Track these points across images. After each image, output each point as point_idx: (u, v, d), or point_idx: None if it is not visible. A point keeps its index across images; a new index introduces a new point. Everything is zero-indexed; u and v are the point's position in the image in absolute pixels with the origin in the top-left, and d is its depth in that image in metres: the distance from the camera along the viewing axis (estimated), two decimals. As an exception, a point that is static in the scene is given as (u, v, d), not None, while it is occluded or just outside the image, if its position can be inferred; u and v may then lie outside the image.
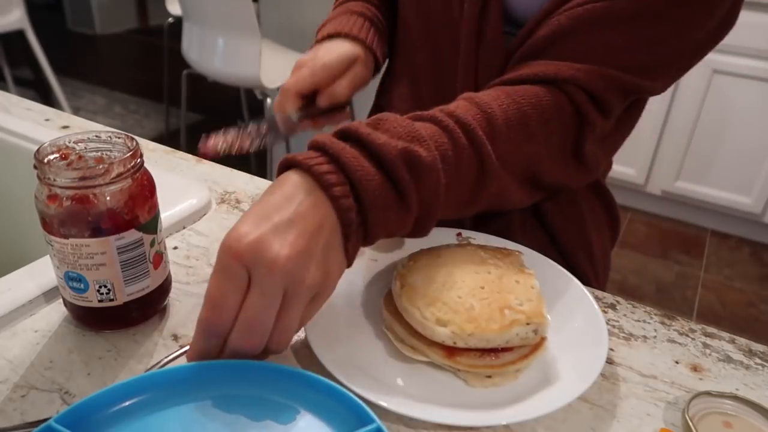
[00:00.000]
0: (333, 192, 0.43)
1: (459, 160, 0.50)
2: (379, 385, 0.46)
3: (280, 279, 0.40)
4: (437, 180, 0.47)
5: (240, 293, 0.41)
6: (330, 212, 0.43)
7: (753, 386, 0.50)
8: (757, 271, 2.31)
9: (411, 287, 0.49)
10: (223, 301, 0.41)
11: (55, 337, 0.50)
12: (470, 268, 0.51)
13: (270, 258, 0.40)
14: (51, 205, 0.45)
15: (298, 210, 0.42)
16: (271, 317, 0.41)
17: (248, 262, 0.40)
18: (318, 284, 0.42)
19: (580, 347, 0.49)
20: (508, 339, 0.46)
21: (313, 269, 0.42)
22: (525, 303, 0.48)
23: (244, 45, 1.88)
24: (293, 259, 0.40)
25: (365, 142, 0.45)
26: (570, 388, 0.45)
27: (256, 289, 0.40)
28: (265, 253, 0.40)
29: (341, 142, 0.45)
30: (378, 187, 0.45)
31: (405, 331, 0.49)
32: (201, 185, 0.71)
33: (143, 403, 0.40)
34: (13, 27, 2.57)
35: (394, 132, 0.47)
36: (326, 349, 0.47)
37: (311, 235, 0.42)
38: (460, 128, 0.50)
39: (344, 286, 0.54)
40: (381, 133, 0.46)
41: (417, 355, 0.48)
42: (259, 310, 0.40)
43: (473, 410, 0.45)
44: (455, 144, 0.49)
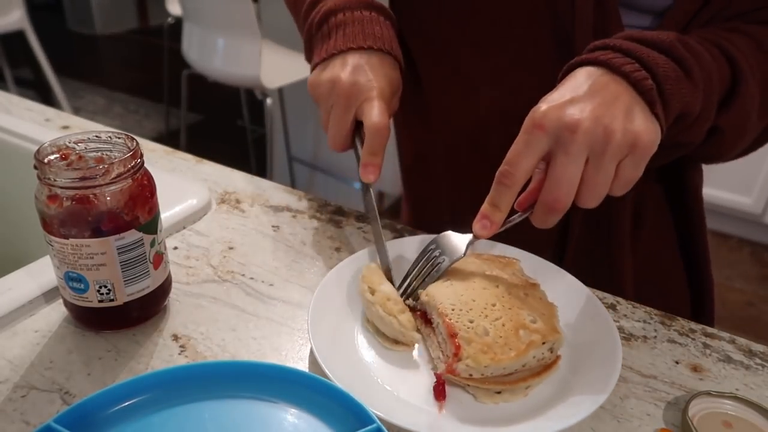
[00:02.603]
0: (625, 69, 0.47)
1: (713, 57, 0.52)
2: (386, 398, 0.46)
3: (582, 139, 0.44)
4: (709, 60, 0.50)
5: (535, 157, 0.46)
6: (624, 86, 0.47)
7: (753, 386, 0.50)
8: (757, 271, 2.31)
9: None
10: (518, 158, 0.46)
11: (55, 337, 0.50)
12: (478, 284, 0.50)
13: (572, 121, 0.44)
14: (51, 205, 0.45)
15: (593, 86, 0.47)
16: (576, 176, 0.45)
17: (551, 129, 0.45)
18: (623, 146, 0.45)
19: (593, 360, 0.48)
20: (524, 363, 0.45)
21: (617, 132, 0.45)
22: (538, 319, 0.47)
23: (244, 45, 1.88)
24: (595, 122, 0.44)
25: (639, 37, 0.49)
26: (581, 405, 0.44)
27: (561, 151, 0.45)
28: (567, 119, 0.45)
29: (618, 39, 0.49)
30: (665, 63, 0.48)
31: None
32: (201, 185, 0.71)
33: (143, 403, 0.40)
34: (13, 27, 2.57)
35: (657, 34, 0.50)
36: (334, 362, 0.46)
37: (610, 102, 0.46)
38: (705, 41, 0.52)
39: (352, 295, 0.54)
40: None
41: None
42: (565, 168, 0.45)
43: (482, 427, 0.44)
44: (705, 47, 0.52)
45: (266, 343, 0.51)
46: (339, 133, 0.58)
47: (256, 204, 0.71)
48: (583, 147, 0.45)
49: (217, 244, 0.64)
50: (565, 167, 0.45)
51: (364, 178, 0.57)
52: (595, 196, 0.47)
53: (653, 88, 0.47)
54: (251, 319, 0.54)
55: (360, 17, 0.61)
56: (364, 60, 0.58)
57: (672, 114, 0.49)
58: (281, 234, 0.66)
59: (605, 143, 0.45)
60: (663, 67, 0.48)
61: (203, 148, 1.39)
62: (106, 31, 4.47)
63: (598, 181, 0.46)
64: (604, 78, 0.47)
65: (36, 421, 0.43)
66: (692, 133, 0.54)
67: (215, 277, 0.59)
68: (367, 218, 0.69)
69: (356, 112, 0.57)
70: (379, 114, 0.55)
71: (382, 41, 0.60)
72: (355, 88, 0.56)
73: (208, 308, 0.54)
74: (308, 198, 0.73)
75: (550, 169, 0.46)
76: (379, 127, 0.55)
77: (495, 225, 0.49)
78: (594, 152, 0.45)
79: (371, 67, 0.58)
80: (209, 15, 1.93)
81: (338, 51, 0.59)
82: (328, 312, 0.51)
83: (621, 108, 0.46)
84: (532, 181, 0.50)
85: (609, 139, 0.44)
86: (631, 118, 0.46)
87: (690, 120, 0.52)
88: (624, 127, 0.45)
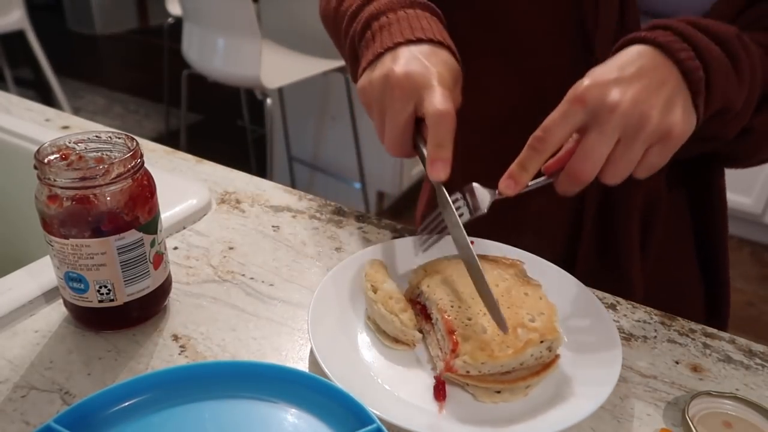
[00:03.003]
0: (679, 55, 0.47)
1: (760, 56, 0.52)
2: (386, 397, 0.46)
3: (618, 121, 0.45)
4: (757, 59, 0.51)
5: (570, 128, 0.47)
6: (673, 72, 0.47)
7: (753, 386, 0.50)
8: (757, 271, 2.31)
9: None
10: (553, 127, 0.47)
11: (55, 338, 0.50)
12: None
13: (612, 102, 0.45)
14: (51, 205, 0.45)
15: (642, 68, 0.47)
16: (605, 153, 0.46)
17: (591, 104, 0.45)
18: (655, 134, 0.46)
19: (593, 360, 0.48)
20: (522, 361, 0.45)
21: (653, 119, 0.45)
22: (537, 318, 0.47)
23: (244, 45, 1.88)
24: (633, 106, 0.45)
25: (699, 24, 0.49)
26: (581, 406, 0.44)
27: (596, 128, 0.46)
28: (608, 97, 0.45)
29: (681, 23, 0.49)
30: (719, 55, 0.48)
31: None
32: (201, 185, 0.71)
33: (143, 403, 0.40)
34: (13, 27, 2.57)
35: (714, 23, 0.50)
36: (334, 362, 0.46)
37: (654, 88, 0.46)
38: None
39: (352, 295, 0.54)
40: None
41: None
42: (596, 143, 0.46)
43: (482, 427, 0.44)
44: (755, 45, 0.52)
45: (266, 343, 0.51)
46: (397, 132, 0.52)
47: (256, 204, 0.71)
48: (617, 128, 0.45)
49: (217, 244, 0.64)
50: (597, 144, 0.46)
51: (434, 176, 0.50)
52: (619, 174, 0.48)
53: (702, 80, 0.47)
54: (251, 319, 0.54)
55: (404, 16, 0.56)
56: (416, 51, 0.53)
57: (712, 107, 0.50)
58: (281, 234, 0.66)
59: (639, 128, 0.45)
60: (717, 59, 0.48)
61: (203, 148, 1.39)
62: (106, 31, 4.47)
63: (624, 162, 0.47)
64: (656, 60, 0.47)
65: (36, 421, 0.43)
66: (726, 129, 0.55)
67: (215, 277, 0.59)
68: (367, 218, 0.69)
69: (416, 106, 0.51)
70: (442, 99, 0.50)
71: (432, 33, 0.55)
72: (410, 78, 0.51)
73: (208, 308, 0.54)
74: (308, 198, 0.73)
75: (581, 142, 0.47)
76: (443, 113, 0.49)
77: (520, 185, 0.49)
78: (626, 134, 0.46)
79: (425, 56, 0.53)
80: (209, 15, 1.93)
81: (385, 49, 0.54)
82: (328, 312, 0.51)
83: (663, 95, 0.46)
84: (562, 149, 0.50)
85: (644, 125, 0.45)
86: (671, 108, 0.46)
87: (728, 116, 0.52)
88: (661, 116, 0.46)
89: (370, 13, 0.58)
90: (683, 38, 0.48)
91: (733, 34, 0.49)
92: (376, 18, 0.57)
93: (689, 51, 0.47)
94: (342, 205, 0.72)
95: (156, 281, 0.51)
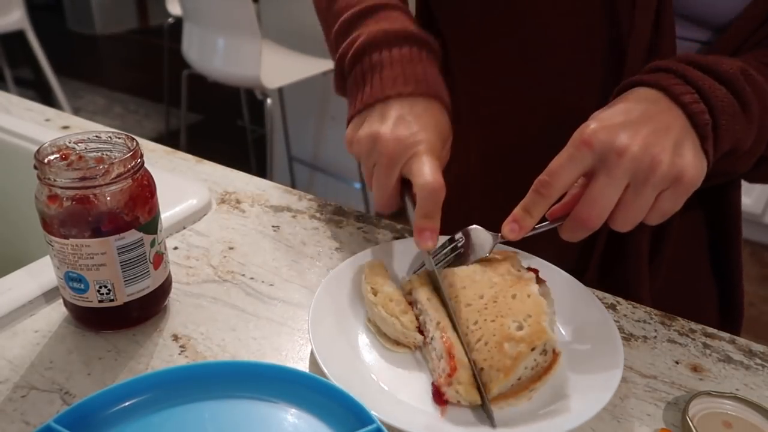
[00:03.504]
0: (683, 99, 0.46)
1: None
2: (386, 399, 0.45)
3: (628, 165, 0.44)
4: (764, 94, 0.49)
5: (577, 172, 0.46)
6: (679, 116, 0.46)
7: (753, 386, 0.50)
8: (757, 271, 2.31)
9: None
10: (559, 171, 0.46)
11: (56, 338, 0.50)
12: (462, 299, 0.49)
13: (621, 146, 0.44)
14: (51, 205, 0.45)
15: (647, 111, 0.46)
16: (613, 199, 0.45)
17: (598, 148, 0.45)
18: (667, 179, 0.45)
19: (594, 362, 0.48)
20: (519, 376, 0.45)
21: (664, 163, 0.44)
22: (524, 323, 0.45)
23: (244, 45, 1.88)
24: (643, 149, 0.44)
25: (702, 63, 0.48)
26: (581, 410, 0.43)
27: (604, 172, 0.45)
28: (617, 142, 0.44)
29: (682, 64, 0.48)
30: (724, 96, 0.47)
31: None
32: (201, 185, 0.71)
33: (143, 403, 0.40)
34: (13, 27, 2.57)
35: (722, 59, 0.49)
36: (334, 363, 0.46)
37: (661, 133, 0.45)
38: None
39: (353, 296, 0.54)
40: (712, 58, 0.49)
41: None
42: (604, 188, 0.45)
43: (482, 429, 0.44)
44: (765, 75, 0.51)
45: (266, 343, 0.51)
46: (384, 194, 0.53)
47: (256, 204, 0.71)
48: (627, 172, 0.44)
49: (217, 244, 0.64)
50: (605, 189, 0.45)
51: (422, 245, 0.50)
52: (629, 221, 0.47)
53: (708, 123, 0.46)
54: (251, 319, 0.54)
55: (399, 56, 0.54)
56: (406, 109, 0.52)
57: (721, 150, 0.48)
58: (281, 234, 0.66)
59: (650, 172, 0.44)
60: (722, 100, 0.47)
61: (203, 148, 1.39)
62: (106, 31, 4.47)
63: (635, 208, 0.46)
64: (660, 104, 0.46)
65: (36, 421, 0.43)
66: (739, 165, 0.54)
67: (215, 277, 0.59)
68: (367, 218, 0.69)
69: (403, 170, 0.52)
70: (430, 172, 0.49)
71: (426, 84, 0.54)
72: (399, 144, 0.50)
73: (208, 308, 0.54)
74: (308, 198, 0.73)
75: (589, 187, 0.46)
76: (432, 187, 0.49)
77: (523, 230, 0.48)
78: (636, 179, 0.45)
79: (416, 117, 0.52)
80: (209, 15, 1.93)
81: (375, 100, 0.53)
82: (328, 312, 0.51)
83: (671, 139, 0.45)
84: (568, 195, 0.49)
85: (654, 169, 0.44)
86: (680, 152, 0.45)
87: (739, 154, 0.51)
88: (672, 160, 0.44)
89: (364, 41, 0.55)
90: (686, 81, 0.47)
91: (737, 70, 0.48)
92: (369, 53, 0.55)
93: (693, 94, 0.46)
94: (342, 205, 0.72)
95: (156, 281, 0.51)
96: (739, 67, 0.48)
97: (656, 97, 0.47)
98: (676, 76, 0.47)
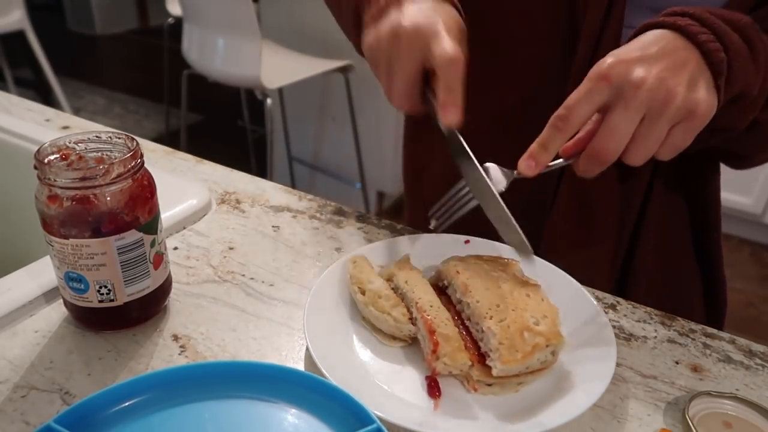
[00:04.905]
0: (700, 38, 0.47)
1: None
2: (382, 395, 0.46)
3: (644, 97, 0.45)
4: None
5: (594, 106, 0.46)
6: (694, 54, 0.47)
7: (753, 386, 0.50)
8: (757, 271, 2.31)
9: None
10: (577, 105, 0.46)
11: (56, 338, 0.50)
12: (481, 284, 0.50)
13: (637, 78, 0.45)
14: (51, 205, 0.45)
15: (664, 48, 0.47)
16: (629, 131, 0.46)
17: (615, 81, 0.45)
18: (680, 112, 0.46)
19: (588, 358, 0.48)
20: (528, 365, 0.46)
21: (679, 96, 0.45)
22: (541, 321, 0.47)
23: (244, 45, 1.88)
24: (658, 83, 0.45)
25: (716, 11, 0.49)
26: (576, 402, 0.44)
27: (621, 104, 0.46)
28: (633, 75, 0.45)
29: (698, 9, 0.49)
30: (737, 40, 0.48)
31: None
32: (201, 186, 0.71)
33: (143, 403, 0.40)
34: (14, 27, 2.57)
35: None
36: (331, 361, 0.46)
37: (676, 67, 0.46)
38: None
39: (347, 294, 0.54)
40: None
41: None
42: (620, 120, 0.46)
43: (477, 422, 0.44)
44: None
45: (266, 343, 0.51)
46: (406, 84, 0.52)
47: (256, 204, 0.71)
48: (642, 104, 0.45)
49: (217, 244, 0.64)
50: (621, 121, 0.46)
51: (446, 120, 0.50)
52: (643, 154, 0.48)
53: (723, 61, 0.47)
54: (251, 319, 0.54)
55: None
56: (422, 5, 0.52)
57: (732, 91, 0.50)
58: (281, 234, 0.66)
59: (665, 105, 0.45)
60: (735, 43, 0.48)
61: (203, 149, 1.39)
62: (106, 31, 4.47)
63: (648, 140, 0.47)
64: (677, 42, 0.48)
65: (36, 421, 0.43)
66: (739, 118, 0.55)
67: (215, 277, 0.59)
68: (367, 218, 0.69)
69: (424, 57, 0.51)
70: (451, 45, 0.49)
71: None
72: (418, 29, 0.50)
73: (208, 308, 0.54)
74: (308, 198, 0.73)
75: (605, 120, 0.47)
76: (453, 58, 0.49)
77: (540, 165, 0.49)
78: (652, 112, 0.46)
79: (432, 10, 0.52)
80: (209, 15, 1.93)
81: (390, 3, 0.54)
82: (324, 311, 0.51)
83: (686, 74, 0.46)
84: (582, 131, 0.50)
85: (669, 101, 0.45)
86: (694, 86, 0.46)
87: (744, 102, 0.52)
88: (686, 94, 0.46)
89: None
90: (702, 23, 0.48)
91: (749, 21, 0.50)
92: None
93: (709, 34, 0.48)
94: (342, 205, 0.72)
95: (156, 281, 0.51)
96: (750, 20, 0.50)
97: (672, 37, 0.48)
98: (692, 19, 0.48)
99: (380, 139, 2.28)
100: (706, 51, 0.47)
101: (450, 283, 0.52)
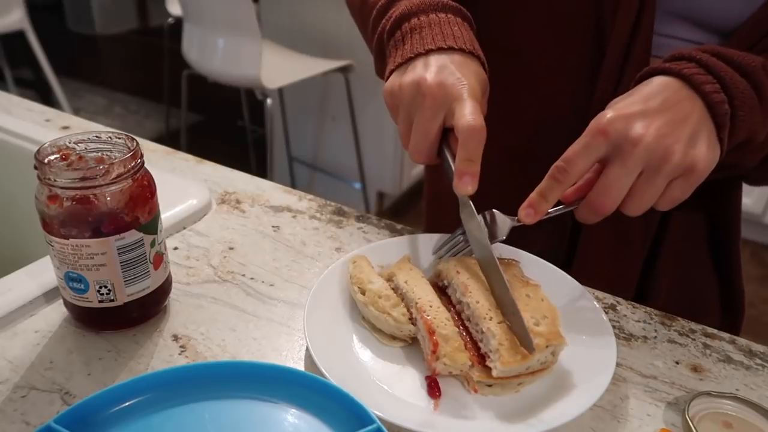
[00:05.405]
0: (704, 88, 0.47)
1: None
2: (382, 395, 0.46)
3: (641, 155, 0.45)
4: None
5: (592, 160, 0.47)
6: (698, 105, 0.47)
7: (753, 387, 0.50)
8: (757, 271, 2.31)
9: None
10: (575, 158, 0.47)
11: (56, 338, 0.50)
12: (482, 285, 0.50)
13: (635, 135, 0.45)
14: (51, 205, 0.45)
15: (667, 101, 0.47)
16: (627, 186, 0.46)
17: (613, 137, 0.45)
18: (678, 168, 0.46)
19: (588, 359, 0.48)
20: (529, 366, 0.46)
21: (677, 154, 0.45)
22: (541, 321, 0.47)
23: (244, 45, 1.88)
24: (657, 140, 0.45)
25: (723, 54, 0.48)
26: (576, 403, 0.44)
27: (618, 160, 0.46)
28: (631, 131, 0.45)
29: (705, 54, 0.48)
30: (745, 88, 0.48)
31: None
32: (201, 186, 0.71)
33: (143, 403, 0.40)
34: (14, 28, 2.57)
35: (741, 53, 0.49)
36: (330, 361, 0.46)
37: (677, 122, 0.46)
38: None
39: (347, 294, 0.54)
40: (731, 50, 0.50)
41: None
42: (617, 176, 0.46)
43: (477, 423, 0.44)
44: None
45: (266, 343, 0.51)
46: (425, 140, 0.52)
47: (257, 204, 0.71)
48: (640, 161, 0.45)
49: (217, 244, 0.64)
50: (619, 177, 0.46)
51: (461, 189, 0.50)
52: (640, 207, 0.48)
53: (728, 113, 0.47)
54: (251, 319, 0.54)
55: (436, 20, 0.56)
56: (447, 60, 0.53)
57: (736, 140, 0.49)
58: (281, 234, 0.66)
59: (662, 162, 0.45)
60: (742, 92, 0.48)
61: (203, 149, 1.39)
62: (106, 31, 4.47)
63: (646, 195, 0.47)
64: (680, 93, 0.47)
65: (36, 421, 0.43)
66: (747, 159, 0.54)
67: (215, 277, 0.59)
68: (367, 218, 0.69)
69: (446, 116, 0.51)
70: (474, 113, 0.49)
71: (463, 41, 0.54)
72: (443, 89, 0.50)
73: (208, 308, 0.54)
74: (308, 198, 0.73)
75: (603, 174, 0.47)
76: (475, 127, 0.49)
77: (539, 214, 0.50)
78: (649, 168, 0.46)
79: (457, 67, 0.52)
80: (209, 15, 1.93)
81: (416, 54, 0.54)
82: (324, 311, 0.51)
83: (688, 129, 0.46)
84: (582, 178, 0.50)
85: (667, 159, 0.45)
86: (695, 142, 0.46)
87: (751, 146, 0.52)
88: (685, 151, 0.45)
89: (401, 12, 0.57)
90: (708, 70, 0.47)
91: (758, 64, 0.49)
92: (407, 19, 0.57)
93: (714, 84, 0.47)
94: (342, 205, 0.72)
95: (156, 281, 0.51)
96: (761, 62, 0.49)
97: (677, 86, 0.47)
98: (698, 66, 0.48)
99: (380, 139, 2.28)
100: (710, 102, 0.47)
101: (450, 283, 0.52)
